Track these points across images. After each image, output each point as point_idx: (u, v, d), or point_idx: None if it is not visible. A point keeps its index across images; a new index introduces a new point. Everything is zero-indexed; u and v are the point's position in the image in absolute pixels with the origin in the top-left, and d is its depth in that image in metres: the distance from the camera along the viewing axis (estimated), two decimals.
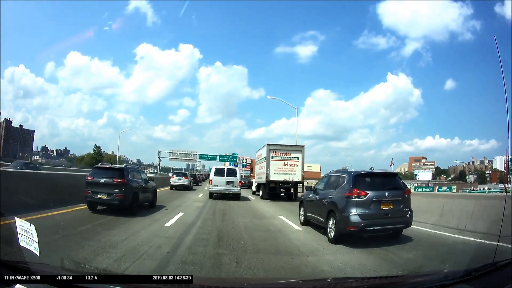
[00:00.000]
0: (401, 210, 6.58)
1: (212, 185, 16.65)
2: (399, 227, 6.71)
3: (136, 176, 10.01)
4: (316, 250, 5.84)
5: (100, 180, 8.77)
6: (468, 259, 5.06)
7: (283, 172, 17.51)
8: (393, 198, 6.51)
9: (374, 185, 6.68)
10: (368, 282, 2.73)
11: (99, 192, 8.69)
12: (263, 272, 4.29)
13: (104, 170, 9.38)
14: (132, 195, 9.05)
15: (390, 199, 6.48)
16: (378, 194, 6.44)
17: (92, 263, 4.17)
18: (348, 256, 5.40)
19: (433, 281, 2.27)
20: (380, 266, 4.82)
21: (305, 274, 4.34)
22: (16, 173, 9.90)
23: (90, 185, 8.81)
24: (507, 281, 2.07)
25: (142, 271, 4.09)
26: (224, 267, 4.47)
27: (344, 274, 4.37)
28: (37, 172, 12.88)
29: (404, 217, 6.62)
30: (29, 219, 2.78)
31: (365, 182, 6.70)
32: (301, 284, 2.88)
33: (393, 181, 7.02)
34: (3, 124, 35.95)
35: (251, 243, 6.27)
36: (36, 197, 8.39)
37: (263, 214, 11.61)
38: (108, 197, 8.62)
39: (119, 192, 8.64)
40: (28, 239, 2.25)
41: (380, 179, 7.12)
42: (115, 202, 8.66)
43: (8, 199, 7.06)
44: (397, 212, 6.51)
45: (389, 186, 6.74)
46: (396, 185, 6.90)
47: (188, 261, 4.65)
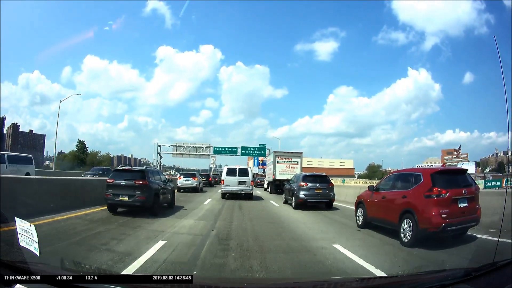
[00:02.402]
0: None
1: (224, 185, 16.83)
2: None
3: (156, 177, 10.22)
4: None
5: (121, 182, 8.97)
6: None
7: (286, 172, 21.55)
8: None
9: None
10: (368, 282, 2.73)
11: (121, 194, 8.85)
12: None
13: (125, 173, 9.68)
14: (153, 196, 9.28)
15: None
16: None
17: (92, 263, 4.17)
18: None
19: (433, 281, 2.27)
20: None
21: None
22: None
23: (111, 187, 9.01)
24: (507, 281, 2.07)
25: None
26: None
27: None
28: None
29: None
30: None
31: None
32: (301, 284, 2.87)
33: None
34: (10, 128, 35.63)
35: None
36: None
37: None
38: (130, 198, 8.80)
39: (141, 194, 8.83)
40: (28, 239, 2.25)
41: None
42: (137, 203, 8.85)
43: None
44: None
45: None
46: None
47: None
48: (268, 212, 11.98)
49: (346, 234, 7.51)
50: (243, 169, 17.60)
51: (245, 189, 16.72)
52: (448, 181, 6.24)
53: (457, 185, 6.18)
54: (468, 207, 6.00)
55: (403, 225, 6.17)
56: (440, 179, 6.15)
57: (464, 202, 5.98)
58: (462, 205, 5.95)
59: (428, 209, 5.82)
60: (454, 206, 5.86)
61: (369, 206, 7.90)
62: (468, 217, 6.05)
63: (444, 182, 6.11)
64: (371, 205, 7.80)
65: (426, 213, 5.81)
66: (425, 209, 5.86)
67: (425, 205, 5.90)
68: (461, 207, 5.93)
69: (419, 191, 6.18)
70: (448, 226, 5.73)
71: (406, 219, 6.14)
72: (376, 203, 7.58)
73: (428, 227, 5.74)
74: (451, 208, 5.81)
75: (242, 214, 10.90)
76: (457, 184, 6.24)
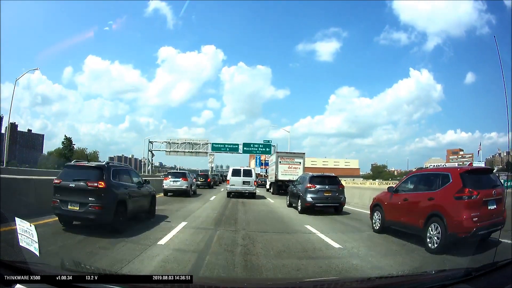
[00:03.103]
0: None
1: (229, 184, 18.34)
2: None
3: (123, 178, 7.29)
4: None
5: (69, 184, 6.26)
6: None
7: (288, 173, 21.58)
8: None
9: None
10: (368, 283, 2.73)
11: (69, 202, 6.19)
12: None
13: (77, 170, 6.70)
14: (116, 205, 6.52)
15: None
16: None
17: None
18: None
19: (433, 281, 2.27)
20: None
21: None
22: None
23: (58, 191, 6.36)
24: (507, 281, 2.07)
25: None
26: None
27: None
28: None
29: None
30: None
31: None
32: (301, 284, 2.87)
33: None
34: (8, 128, 35.09)
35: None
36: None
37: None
38: (81, 208, 6.11)
39: (97, 202, 6.13)
40: (28, 239, 2.25)
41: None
42: (90, 216, 6.13)
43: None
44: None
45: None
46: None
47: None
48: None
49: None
50: (247, 170, 19.16)
51: (249, 188, 18.14)
52: (477, 181, 5.89)
53: (487, 186, 5.84)
54: (496, 209, 5.69)
55: (430, 230, 5.73)
56: (470, 179, 5.76)
57: (493, 204, 5.65)
58: (491, 207, 5.60)
59: (459, 212, 5.45)
60: (484, 209, 5.50)
61: (387, 209, 7.39)
62: (496, 220, 5.68)
63: (474, 182, 5.73)
64: (390, 208, 7.29)
65: (457, 217, 5.43)
66: (455, 212, 5.48)
67: (456, 207, 5.51)
68: (491, 209, 5.59)
69: (448, 193, 5.73)
70: (479, 230, 5.38)
71: (433, 223, 5.71)
72: (396, 205, 7.06)
73: (459, 232, 5.36)
74: (482, 211, 5.44)
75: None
76: (486, 184, 5.90)
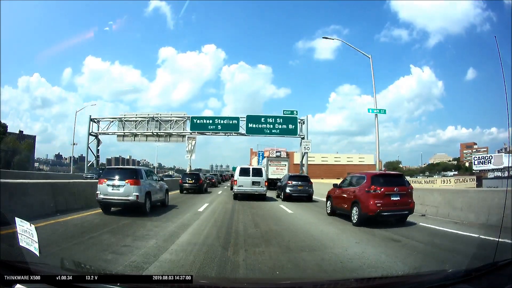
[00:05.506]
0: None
1: (237, 185, 16.23)
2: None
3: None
4: None
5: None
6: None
7: (276, 173, 27.44)
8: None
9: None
10: (368, 282, 2.73)
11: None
12: None
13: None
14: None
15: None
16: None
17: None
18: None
19: (433, 281, 2.27)
20: None
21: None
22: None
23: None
24: (507, 281, 2.07)
25: None
26: None
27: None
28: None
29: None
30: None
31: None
32: (300, 284, 2.87)
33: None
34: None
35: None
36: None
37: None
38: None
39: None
40: (28, 239, 2.25)
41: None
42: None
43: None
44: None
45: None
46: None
47: None
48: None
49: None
50: (257, 169, 17.06)
51: (259, 189, 16.07)
52: (384, 181, 8.40)
53: (391, 185, 8.31)
54: (400, 200, 8.17)
55: (353, 211, 8.55)
56: (377, 180, 8.40)
57: (396, 196, 8.18)
58: (394, 198, 8.15)
59: (368, 200, 8.09)
60: (387, 199, 8.08)
61: (334, 199, 10.30)
62: (400, 207, 8.22)
63: (380, 182, 8.32)
64: (335, 198, 10.22)
65: (367, 203, 8.08)
66: (366, 200, 8.14)
67: (366, 197, 8.19)
68: (394, 200, 8.14)
69: (363, 188, 8.51)
70: (382, 212, 8.00)
71: (354, 207, 8.51)
72: (338, 196, 9.95)
73: (368, 212, 8.04)
74: (385, 200, 8.04)
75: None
76: (391, 183, 8.38)
